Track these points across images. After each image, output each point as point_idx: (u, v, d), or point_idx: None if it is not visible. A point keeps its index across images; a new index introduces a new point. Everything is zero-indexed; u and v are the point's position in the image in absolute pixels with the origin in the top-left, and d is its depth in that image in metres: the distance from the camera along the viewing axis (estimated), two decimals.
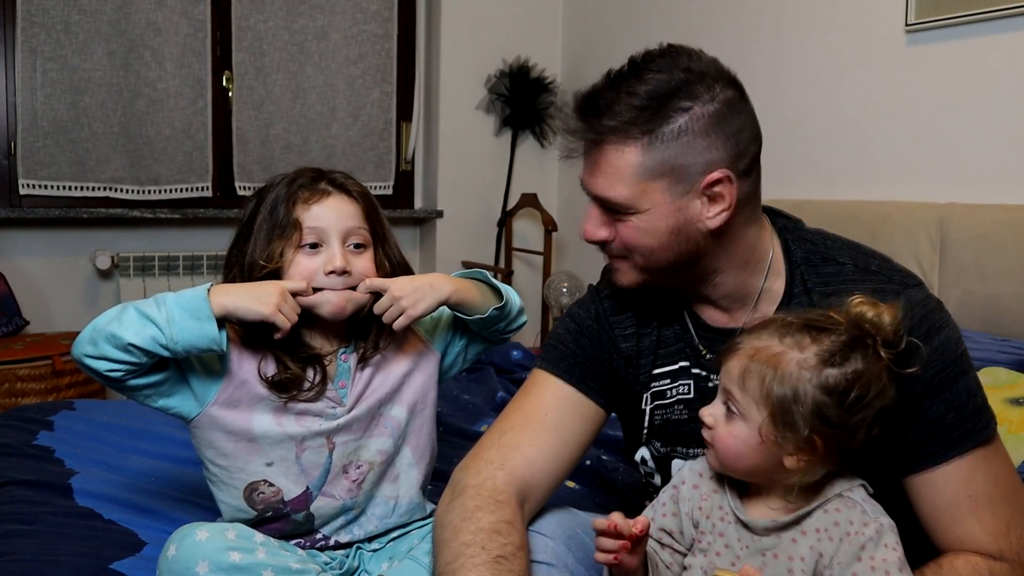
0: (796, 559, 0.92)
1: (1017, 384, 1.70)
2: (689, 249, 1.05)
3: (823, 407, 0.89)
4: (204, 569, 1.03)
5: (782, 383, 0.90)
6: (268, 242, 1.20)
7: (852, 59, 2.53)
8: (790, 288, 1.10)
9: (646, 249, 1.04)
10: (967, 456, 1.01)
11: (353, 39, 3.57)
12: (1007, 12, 2.12)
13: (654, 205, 1.01)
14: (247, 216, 1.24)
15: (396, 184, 3.76)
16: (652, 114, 0.99)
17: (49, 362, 2.75)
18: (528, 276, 3.88)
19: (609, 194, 1.02)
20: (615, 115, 0.99)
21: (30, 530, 1.33)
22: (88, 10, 3.09)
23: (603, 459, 1.77)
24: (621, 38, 3.46)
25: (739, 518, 0.97)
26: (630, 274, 1.09)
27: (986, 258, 2.04)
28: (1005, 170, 2.17)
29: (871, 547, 0.90)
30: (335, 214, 1.21)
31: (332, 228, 1.21)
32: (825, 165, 2.61)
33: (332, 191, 1.24)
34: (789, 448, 0.91)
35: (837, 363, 0.90)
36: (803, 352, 0.91)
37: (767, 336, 0.94)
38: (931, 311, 1.04)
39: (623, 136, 0.99)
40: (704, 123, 0.99)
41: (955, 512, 1.01)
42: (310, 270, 1.19)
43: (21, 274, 3.13)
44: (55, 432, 1.82)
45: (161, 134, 3.24)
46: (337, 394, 1.24)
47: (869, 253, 1.12)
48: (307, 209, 1.21)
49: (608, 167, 1.01)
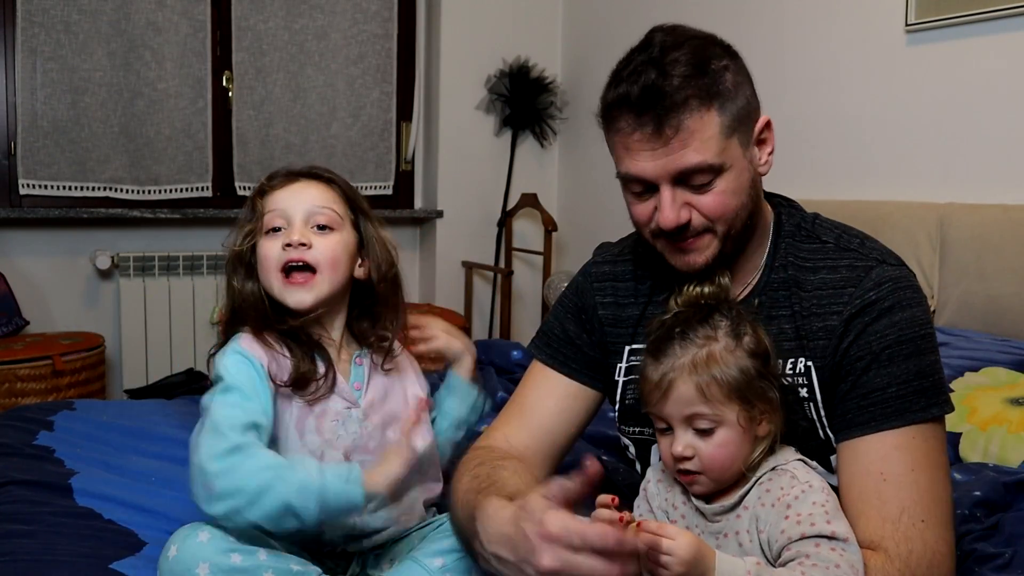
0: (743, 532, 0.98)
1: (1017, 384, 1.70)
2: (754, 202, 1.09)
3: (760, 366, 1.00)
4: (205, 571, 1.03)
5: (731, 370, 0.98)
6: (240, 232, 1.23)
7: (852, 59, 2.53)
8: (771, 261, 1.12)
9: (732, 212, 1.04)
10: (894, 432, 1.00)
11: (353, 39, 3.57)
12: (1007, 12, 2.13)
13: (735, 161, 1.03)
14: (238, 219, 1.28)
15: (396, 184, 3.76)
16: (708, 78, 1.01)
17: (49, 362, 2.75)
18: (528, 276, 3.88)
19: (701, 158, 1.01)
20: (681, 89, 1.00)
21: (30, 530, 1.33)
22: (88, 10, 3.09)
23: (603, 459, 1.77)
24: (621, 38, 3.44)
25: (696, 507, 1.03)
26: (711, 247, 1.07)
27: (986, 258, 2.04)
28: (1005, 170, 2.17)
29: (796, 504, 0.95)
30: (296, 197, 1.22)
31: (294, 209, 1.21)
32: (825, 165, 2.61)
33: (298, 179, 1.25)
34: (758, 417, 0.99)
35: (741, 332, 1.01)
36: (718, 341, 1.00)
37: (682, 350, 1.00)
38: (900, 288, 1.04)
39: (699, 101, 1.01)
40: (742, 74, 1.06)
41: (862, 486, 1.00)
42: (273, 252, 1.20)
43: (21, 274, 3.13)
44: (55, 432, 1.82)
45: (161, 134, 3.24)
46: (352, 395, 1.24)
47: (855, 234, 1.13)
48: (272, 195, 1.23)
49: (695, 135, 1.01)
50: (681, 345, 1.00)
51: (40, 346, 2.82)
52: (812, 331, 1.06)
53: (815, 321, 1.06)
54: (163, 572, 1.06)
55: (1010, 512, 1.39)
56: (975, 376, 1.76)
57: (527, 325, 3.90)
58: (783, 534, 0.94)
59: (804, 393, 1.07)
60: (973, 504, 1.34)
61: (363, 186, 3.64)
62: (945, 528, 0.99)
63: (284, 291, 1.20)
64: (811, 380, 1.06)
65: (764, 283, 1.12)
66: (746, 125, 1.05)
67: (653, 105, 1.00)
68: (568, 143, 3.85)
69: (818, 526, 0.93)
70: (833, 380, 1.05)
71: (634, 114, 1.02)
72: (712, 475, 0.99)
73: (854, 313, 1.04)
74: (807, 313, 1.07)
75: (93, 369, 2.92)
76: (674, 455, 0.99)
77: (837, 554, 0.91)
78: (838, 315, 1.05)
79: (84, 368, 2.86)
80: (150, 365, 3.28)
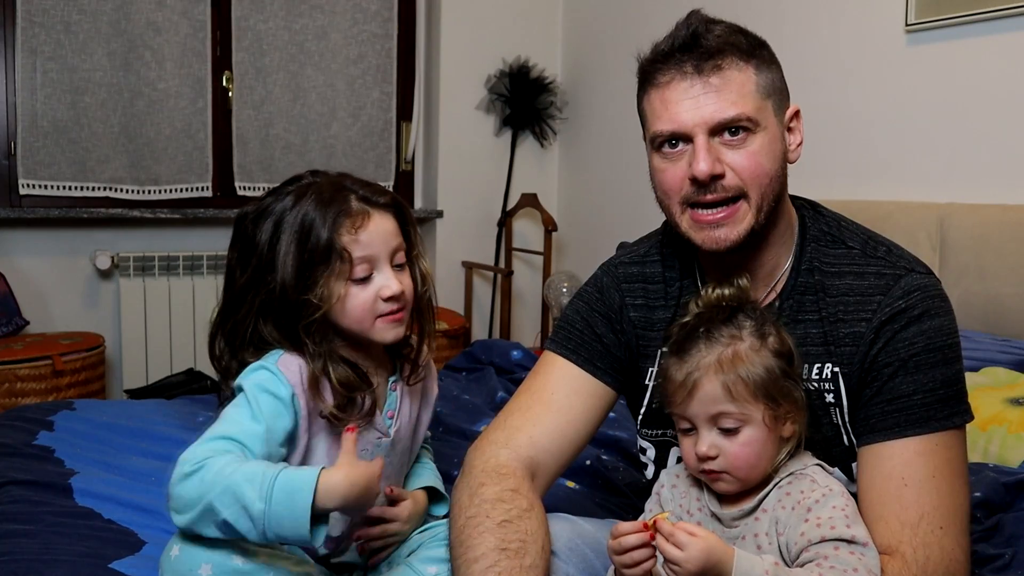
0: (761, 535, 0.98)
1: (1017, 384, 1.70)
2: (782, 185, 1.09)
3: (785, 366, 1.00)
4: (208, 571, 1.02)
5: (757, 369, 0.98)
6: (308, 275, 1.11)
7: (852, 59, 2.53)
8: (797, 265, 1.11)
9: (766, 177, 1.03)
10: (917, 439, 1.00)
11: (353, 39, 3.57)
12: (1007, 12, 2.13)
13: (769, 124, 1.04)
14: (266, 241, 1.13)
15: (396, 184, 3.76)
16: (749, 41, 1.04)
17: (49, 362, 2.75)
18: (528, 276, 3.88)
19: (739, 110, 1.01)
20: (721, 39, 1.02)
21: (30, 530, 1.33)
22: (88, 10, 3.09)
23: (603, 459, 1.77)
24: (621, 38, 3.46)
25: (712, 512, 1.02)
26: (745, 218, 1.04)
27: (986, 258, 2.04)
28: (1005, 170, 2.17)
29: (816, 508, 0.95)
30: (381, 238, 1.14)
31: (381, 254, 1.14)
32: (825, 165, 2.61)
33: (372, 211, 1.15)
34: (784, 417, 0.99)
35: (766, 332, 1.01)
36: (743, 340, 1.00)
37: (707, 349, 1.00)
38: (929, 297, 1.04)
39: (740, 54, 1.03)
40: (775, 60, 1.07)
41: (883, 490, 1.00)
42: (368, 303, 1.13)
43: (21, 274, 3.13)
44: (55, 432, 1.82)
45: (161, 134, 3.24)
46: (384, 425, 1.22)
47: (881, 241, 1.12)
48: (354, 238, 1.12)
49: (732, 85, 1.02)
50: (706, 344, 1.00)
51: (40, 346, 2.81)
52: (839, 337, 1.06)
53: (842, 327, 1.06)
54: (165, 572, 1.06)
55: (1010, 512, 1.39)
56: (975, 376, 1.76)
57: (527, 325, 3.90)
58: (802, 536, 0.94)
59: (830, 399, 1.06)
60: (973, 505, 1.34)
61: None
62: (963, 536, 1.00)
63: (378, 330, 1.15)
64: (838, 386, 1.06)
65: (791, 287, 1.11)
66: (780, 99, 1.06)
67: (694, 49, 1.02)
68: (568, 143, 3.85)
69: (838, 529, 0.93)
70: (859, 386, 1.05)
71: (674, 60, 1.03)
72: (738, 474, 0.98)
73: (884, 320, 1.03)
74: (833, 319, 1.07)
75: (93, 369, 2.92)
76: (698, 455, 0.99)
77: (856, 558, 0.91)
78: (867, 322, 1.04)
79: (84, 368, 2.86)
80: (150, 365, 3.28)
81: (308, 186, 1.16)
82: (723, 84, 1.01)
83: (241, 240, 1.18)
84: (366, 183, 1.19)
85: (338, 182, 1.18)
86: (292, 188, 1.17)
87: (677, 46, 1.03)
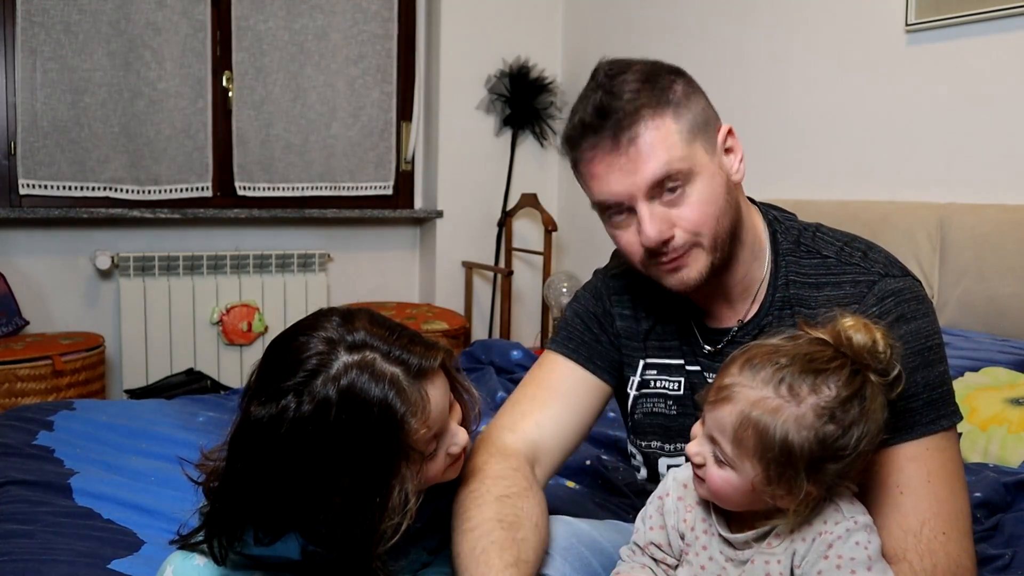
0: (772, 562, 0.92)
1: (1017, 384, 1.70)
2: (735, 210, 1.08)
3: (821, 461, 0.87)
4: None
5: (781, 442, 0.86)
6: (381, 473, 0.92)
7: (852, 59, 2.53)
8: (774, 280, 1.12)
9: (712, 218, 1.04)
10: (907, 445, 0.99)
11: (353, 39, 3.57)
12: (1007, 12, 2.12)
13: (703, 167, 1.03)
14: (302, 442, 0.89)
15: (396, 184, 3.76)
16: (658, 89, 1.03)
17: (49, 362, 2.75)
18: (528, 276, 3.88)
19: (667, 169, 1.01)
20: (631, 101, 1.01)
21: (29, 530, 1.33)
22: (88, 10, 3.09)
23: (603, 459, 1.77)
24: (621, 38, 3.46)
25: (721, 535, 0.97)
26: (700, 260, 1.05)
27: (986, 258, 2.04)
28: (1005, 170, 2.17)
29: (839, 544, 0.89)
30: (440, 409, 0.97)
31: (447, 426, 1.00)
32: (825, 165, 2.61)
33: (431, 375, 0.96)
34: (771, 492, 0.89)
35: (836, 419, 0.87)
36: (800, 406, 0.87)
37: (760, 384, 0.88)
38: (904, 301, 1.03)
39: (652, 111, 1.02)
40: (692, 87, 1.06)
41: (878, 499, 0.99)
42: (439, 470, 1.00)
43: (21, 274, 3.13)
44: (55, 432, 1.82)
45: (161, 134, 3.24)
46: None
47: (856, 245, 1.11)
48: (425, 416, 0.93)
49: (656, 144, 1.01)
50: (768, 378, 0.88)
51: (40, 346, 2.82)
52: None
53: None
54: None
55: (1010, 512, 1.39)
56: (975, 376, 1.76)
57: (527, 325, 3.90)
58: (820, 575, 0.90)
59: None
60: (973, 505, 1.33)
61: (363, 186, 3.64)
62: (967, 539, 0.99)
63: (446, 478, 1.07)
64: None
65: (770, 302, 1.11)
66: (706, 133, 1.05)
67: (606, 120, 1.02)
68: None
69: (858, 573, 0.88)
70: None
71: (591, 135, 1.03)
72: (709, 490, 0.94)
73: None
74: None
75: (93, 369, 2.92)
76: (687, 453, 0.97)
77: None
78: None
79: (84, 368, 2.86)
80: (150, 365, 3.28)
81: (355, 359, 0.92)
82: (645, 150, 1.01)
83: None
84: (416, 339, 0.97)
85: (383, 338, 0.94)
86: (324, 358, 0.92)
87: (588, 121, 1.03)
